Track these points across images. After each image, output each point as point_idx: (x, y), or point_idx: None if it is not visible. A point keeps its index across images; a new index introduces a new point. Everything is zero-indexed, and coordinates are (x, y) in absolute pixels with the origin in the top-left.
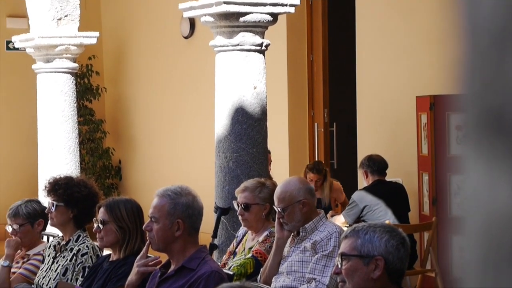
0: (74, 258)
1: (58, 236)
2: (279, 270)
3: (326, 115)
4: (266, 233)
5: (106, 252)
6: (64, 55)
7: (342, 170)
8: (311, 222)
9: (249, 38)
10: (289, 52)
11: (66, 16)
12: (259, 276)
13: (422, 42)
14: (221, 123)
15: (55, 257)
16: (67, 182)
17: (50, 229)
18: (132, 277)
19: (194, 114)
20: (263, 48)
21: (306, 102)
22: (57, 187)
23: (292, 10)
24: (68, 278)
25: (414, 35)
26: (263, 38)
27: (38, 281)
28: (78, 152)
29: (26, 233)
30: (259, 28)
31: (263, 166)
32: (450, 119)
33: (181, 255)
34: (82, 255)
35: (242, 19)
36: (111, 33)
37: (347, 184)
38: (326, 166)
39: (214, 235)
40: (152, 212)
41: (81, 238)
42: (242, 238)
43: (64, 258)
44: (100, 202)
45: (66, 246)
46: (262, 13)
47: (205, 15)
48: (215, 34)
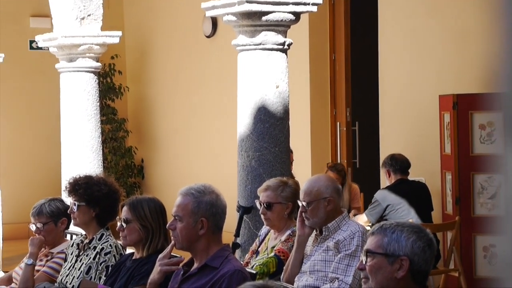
0: (98, 256)
1: (81, 234)
2: (302, 269)
3: (348, 114)
4: (288, 232)
5: (129, 250)
6: (87, 55)
7: (365, 169)
8: (334, 221)
9: (271, 37)
10: (311, 51)
11: (89, 15)
12: (282, 275)
13: (445, 41)
14: (243, 122)
15: (79, 255)
16: (87, 181)
17: (73, 227)
18: (154, 275)
19: (217, 113)
20: (286, 47)
21: (328, 101)
22: (77, 187)
23: (314, 9)
24: (91, 277)
25: (437, 34)
26: (286, 37)
27: (62, 279)
28: (101, 151)
29: (49, 231)
30: (282, 27)
31: (286, 165)
32: (474, 118)
33: (204, 254)
34: (106, 254)
35: (264, 18)
36: (134, 32)
37: (370, 183)
38: (346, 168)
39: (237, 234)
40: (175, 211)
41: (104, 236)
42: (265, 237)
43: (87, 256)
44: (123, 201)
45: (89, 245)
46: (284, 12)
47: (227, 14)
48: (238, 33)
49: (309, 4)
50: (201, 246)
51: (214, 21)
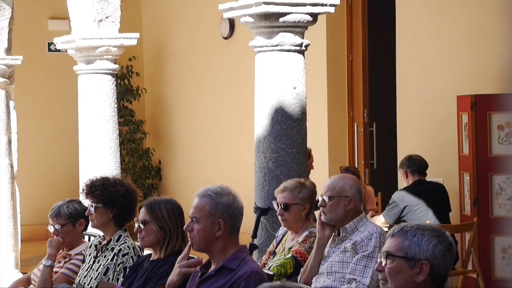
0: (115, 257)
1: (99, 235)
2: (320, 270)
3: (366, 115)
4: (306, 233)
5: (146, 252)
6: (104, 56)
7: (382, 171)
8: (352, 222)
9: (288, 39)
10: (329, 52)
11: (107, 17)
12: (300, 276)
13: (462, 42)
14: (260, 124)
15: (96, 256)
16: (103, 182)
17: (91, 229)
18: (173, 277)
19: (234, 114)
20: (303, 48)
21: (345, 102)
22: (94, 189)
23: (332, 10)
24: (109, 278)
25: (455, 35)
26: (303, 38)
27: (79, 280)
28: (119, 152)
29: (67, 233)
30: (299, 28)
31: (303, 166)
32: (492, 119)
33: (221, 255)
34: (123, 255)
35: (281, 20)
36: (151, 34)
37: (387, 184)
38: (360, 171)
39: (254, 235)
40: (193, 212)
41: (122, 238)
42: (282, 238)
43: (105, 257)
44: (141, 203)
45: (107, 246)
46: (301, 13)
47: (244, 16)
48: (255, 34)
49: (326, 5)
50: (218, 247)
51: (232, 22)
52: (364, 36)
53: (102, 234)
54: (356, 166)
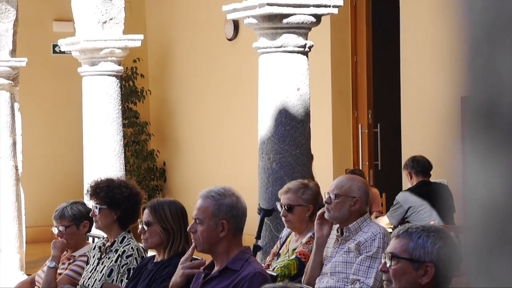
0: (119, 259)
1: (103, 237)
2: (323, 271)
3: (370, 116)
4: (309, 234)
5: (150, 253)
6: (109, 58)
7: (387, 172)
8: (355, 222)
9: (292, 40)
10: (333, 53)
11: (111, 19)
12: (303, 277)
13: None
14: (264, 125)
15: (100, 258)
16: (108, 184)
17: (95, 230)
18: (176, 278)
19: (238, 116)
20: (307, 49)
21: (350, 103)
22: (98, 190)
23: (335, 11)
24: (113, 279)
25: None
26: (307, 39)
27: (84, 282)
28: (123, 154)
29: (71, 234)
30: (303, 29)
31: (306, 167)
32: None
33: (225, 256)
34: (127, 257)
35: (285, 21)
36: (156, 36)
37: (392, 185)
38: (365, 172)
39: (258, 237)
40: (196, 213)
41: (126, 239)
42: (286, 240)
43: (109, 259)
44: (144, 204)
45: (111, 248)
46: (305, 14)
47: (248, 17)
48: (259, 35)
49: (330, 6)
50: (221, 248)
51: (236, 24)
52: (368, 37)
53: (106, 235)
54: (360, 167)
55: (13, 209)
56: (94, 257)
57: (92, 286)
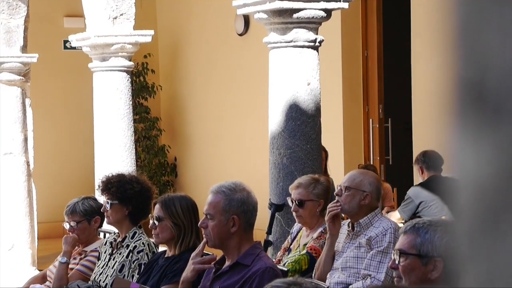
0: (130, 254)
1: (114, 232)
2: (334, 266)
3: (381, 111)
4: (320, 229)
5: (161, 248)
6: (119, 54)
7: (398, 166)
8: (366, 217)
9: (302, 35)
10: (343, 48)
11: (121, 14)
12: (314, 272)
13: None
14: (275, 120)
15: (112, 253)
16: (120, 179)
17: (106, 226)
18: (187, 273)
19: (249, 111)
20: (317, 44)
21: (360, 98)
22: (110, 186)
23: (346, 5)
24: (124, 275)
25: None
26: (317, 34)
27: (95, 277)
28: (134, 149)
29: (83, 230)
30: (313, 24)
31: (317, 162)
32: None
33: (236, 251)
34: (138, 252)
35: (295, 16)
36: (166, 31)
37: (403, 180)
38: (376, 167)
39: (269, 232)
40: (207, 209)
41: (137, 234)
42: (297, 235)
43: (120, 254)
44: (155, 199)
45: (122, 243)
46: (315, 9)
47: (258, 12)
48: (269, 30)
49: (340, 1)
50: (232, 243)
51: (247, 19)
52: (379, 31)
53: (117, 231)
54: (371, 162)
55: (24, 204)
56: (105, 252)
57: (103, 282)
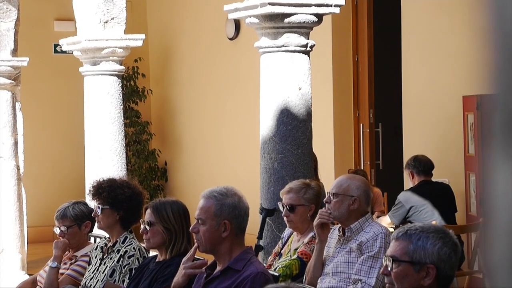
0: (121, 259)
1: (105, 237)
2: (325, 271)
3: (371, 116)
4: (311, 234)
5: (152, 253)
6: (110, 58)
7: (388, 171)
8: (357, 222)
9: (294, 39)
10: (334, 52)
11: (112, 19)
12: (304, 277)
13: (468, 41)
14: (266, 124)
15: (103, 258)
16: (110, 184)
17: (97, 230)
18: (178, 278)
19: (239, 115)
20: (308, 49)
21: (351, 103)
22: (101, 191)
23: (337, 10)
24: (115, 280)
25: (460, 35)
26: (308, 39)
27: (86, 282)
28: (125, 154)
29: (73, 234)
30: (304, 29)
31: (308, 167)
32: None
33: (227, 256)
34: (129, 257)
35: (287, 20)
36: (157, 35)
37: (393, 185)
38: (366, 171)
39: (260, 237)
40: (198, 214)
41: (128, 239)
42: (288, 239)
43: (111, 259)
44: (146, 204)
45: (113, 248)
46: (307, 14)
47: (250, 17)
48: (260, 35)
49: (331, 5)
50: (224, 248)
51: (237, 23)
52: (369, 36)
53: (108, 236)
54: (362, 166)
55: (14, 209)
56: (96, 257)
57: (94, 286)
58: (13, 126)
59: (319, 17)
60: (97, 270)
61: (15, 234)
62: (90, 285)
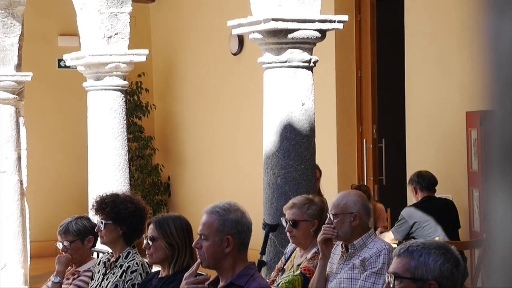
0: (124, 275)
1: (107, 252)
2: (328, 287)
3: (375, 131)
4: (314, 250)
5: (155, 268)
6: (114, 73)
7: (391, 187)
8: (360, 238)
9: (297, 55)
10: (337, 68)
11: (116, 34)
12: None
13: (471, 58)
14: (269, 140)
15: (105, 273)
16: (114, 199)
17: (100, 245)
18: None
19: (243, 131)
20: (311, 64)
21: (354, 118)
22: (104, 206)
23: (340, 26)
24: None
25: (463, 51)
26: (311, 54)
27: None
28: (128, 168)
29: (76, 249)
30: (308, 44)
31: (311, 182)
32: None
33: (230, 272)
34: (132, 272)
35: (290, 36)
36: (161, 50)
37: (396, 200)
38: (370, 187)
39: (263, 252)
40: (201, 229)
41: (130, 255)
42: (291, 255)
43: (114, 274)
44: (149, 219)
45: (116, 263)
46: (310, 29)
47: (253, 32)
48: (264, 51)
49: (335, 21)
50: (227, 264)
51: (241, 39)
52: (373, 52)
53: (110, 251)
54: (365, 182)
55: (17, 223)
56: (99, 272)
57: None
58: (16, 141)
59: (323, 33)
60: (99, 286)
61: (18, 249)
62: None
